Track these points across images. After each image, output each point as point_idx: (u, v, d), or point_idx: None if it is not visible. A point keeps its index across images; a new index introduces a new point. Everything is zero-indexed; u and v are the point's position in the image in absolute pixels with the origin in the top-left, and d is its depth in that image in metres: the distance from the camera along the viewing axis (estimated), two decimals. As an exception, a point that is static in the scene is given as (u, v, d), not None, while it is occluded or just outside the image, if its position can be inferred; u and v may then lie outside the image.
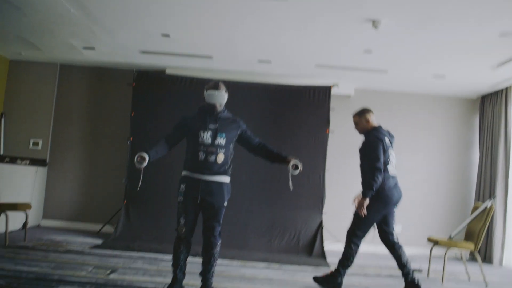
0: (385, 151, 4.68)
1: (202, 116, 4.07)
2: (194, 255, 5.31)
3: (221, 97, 4.05)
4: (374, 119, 4.94)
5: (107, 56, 7.35)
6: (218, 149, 3.97)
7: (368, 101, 7.93)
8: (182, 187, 4.01)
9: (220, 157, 3.97)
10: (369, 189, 4.53)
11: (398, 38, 5.57)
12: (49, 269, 4.56)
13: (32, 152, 7.76)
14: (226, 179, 4.06)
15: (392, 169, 4.72)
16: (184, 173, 4.07)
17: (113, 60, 7.56)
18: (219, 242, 4.06)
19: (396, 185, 4.72)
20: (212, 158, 3.95)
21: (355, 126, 5.02)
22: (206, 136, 3.97)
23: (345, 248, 4.76)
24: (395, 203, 4.73)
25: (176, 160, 5.25)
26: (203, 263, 4.07)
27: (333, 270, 4.76)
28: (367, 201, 4.54)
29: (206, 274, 4.04)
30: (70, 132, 7.94)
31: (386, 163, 4.66)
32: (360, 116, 4.95)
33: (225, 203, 4.04)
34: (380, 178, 4.54)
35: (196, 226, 4.05)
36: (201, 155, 3.95)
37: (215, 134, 3.99)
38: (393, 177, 4.72)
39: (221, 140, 3.99)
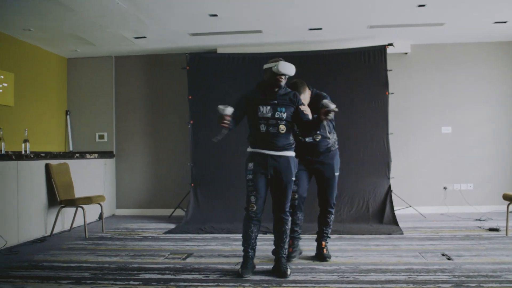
0: None
1: (260, 91, 4.06)
2: (265, 232, 5.41)
3: (292, 68, 3.99)
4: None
5: (158, 43, 7.44)
6: (279, 121, 3.95)
7: (426, 56, 7.70)
8: (250, 165, 4.02)
9: (282, 128, 3.95)
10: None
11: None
12: (128, 258, 4.73)
13: (99, 145, 8.06)
14: (292, 153, 4.07)
15: None
16: (250, 149, 4.09)
17: (164, 46, 7.64)
18: (290, 218, 4.11)
19: None
20: (274, 130, 3.94)
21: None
22: (266, 110, 3.95)
23: (330, 216, 4.63)
24: None
25: (237, 138, 5.29)
26: (276, 241, 4.11)
27: (322, 242, 4.62)
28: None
29: (280, 251, 4.09)
30: (132, 122, 8.15)
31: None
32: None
33: (294, 178, 4.06)
34: None
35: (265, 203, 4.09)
36: (262, 128, 3.95)
37: (275, 109, 3.96)
38: None
39: (281, 114, 3.96)
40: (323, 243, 4.61)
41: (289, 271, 3.98)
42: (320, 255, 4.57)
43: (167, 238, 5.83)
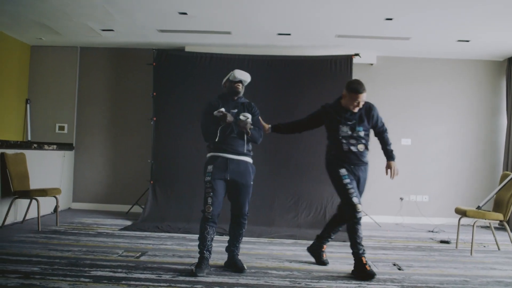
0: None
1: (221, 101, 4.17)
2: (222, 234, 5.41)
3: (248, 76, 4.19)
4: None
5: (126, 36, 7.34)
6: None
7: (391, 69, 7.84)
8: (210, 167, 4.09)
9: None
10: None
11: (419, 3, 5.39)
12: (81, 254, 4.66)
13: (58, 137, 7.88)
14: (250, 160, 4.21)
15: None
16: (210, 154, 4.17)
17: (132, 40, 7.55)
18: (246, 222, 4.25)
19: None
20: (235, 135, 4.09)
21: (362, 103, 4.58)
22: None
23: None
24: None
25: (197, 138, 5.28)
26: (231, 241, 4.25)
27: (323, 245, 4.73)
28: None
29: (235, 249, 4.23)
30: (94, 115, 8.02)
31: None
32: None
33: (252, 182, 4.18)
34: None
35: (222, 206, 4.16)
36: (226, 133, 4.08)
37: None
38: None
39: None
40: (324, 246, 4.73)
41: (245, 266, 4.17)
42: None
43: (122, 235, 5.76)
